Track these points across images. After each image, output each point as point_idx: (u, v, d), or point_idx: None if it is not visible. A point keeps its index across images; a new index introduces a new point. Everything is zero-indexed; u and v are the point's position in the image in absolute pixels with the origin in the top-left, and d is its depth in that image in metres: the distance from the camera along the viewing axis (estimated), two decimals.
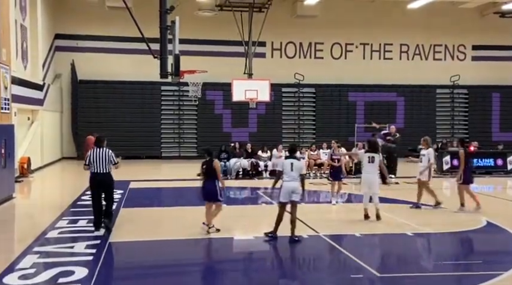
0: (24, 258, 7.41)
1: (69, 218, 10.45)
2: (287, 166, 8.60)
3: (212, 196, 9.09)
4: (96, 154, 9.04)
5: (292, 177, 8.55)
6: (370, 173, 10.10)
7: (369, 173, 10.12)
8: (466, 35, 27.98)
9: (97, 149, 9.12)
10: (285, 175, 8.59)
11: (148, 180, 16.86)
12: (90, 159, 9.04)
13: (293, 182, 8.54)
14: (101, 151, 9.09)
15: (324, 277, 7.09)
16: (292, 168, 8.56)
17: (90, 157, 9.07)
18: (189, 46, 22.10)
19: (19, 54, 18.51)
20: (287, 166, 8.61)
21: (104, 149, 9.14)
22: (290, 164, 8.61)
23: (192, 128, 26.26)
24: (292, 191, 8.52)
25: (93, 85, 25.11)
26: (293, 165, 8.59)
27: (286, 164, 8.64)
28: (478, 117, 27.91)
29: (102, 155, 9.04)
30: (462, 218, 10.60)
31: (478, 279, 6.62)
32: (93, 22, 25.03)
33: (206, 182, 9.11)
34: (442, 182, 17.54)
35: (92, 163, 9.02)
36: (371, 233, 9.32)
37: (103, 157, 9.03)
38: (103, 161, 9.02)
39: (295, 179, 8.56)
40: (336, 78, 26.84)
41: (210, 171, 9.04)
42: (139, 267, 7.56)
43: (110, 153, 9.12)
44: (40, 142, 20.69)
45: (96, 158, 9.01)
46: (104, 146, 9.23)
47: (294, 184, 8.54)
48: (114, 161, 9.16)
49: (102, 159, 9.02)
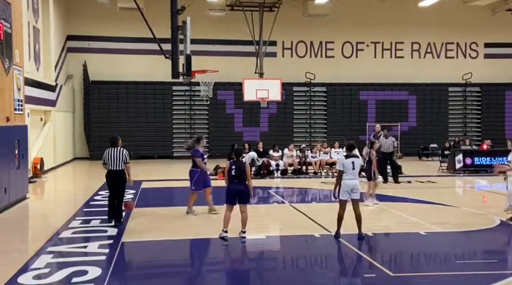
0: (38, 258, 7.48)
1: (82, 218, 10.53)
2: (349, 165, 8.58)
3: (244, 198, 8.77)
4: (111, 154, 9.78)
5: (353, 175, 8.60)
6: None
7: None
8: (478, 33, 27.73)
9: (112, 149, 9.82)
10: (345, 173, 8.57)
11: (160, 180, 16.94)
12: (106, 158, 9.80)
13: (354, 180, 8.61)
14: (115, 150, 9.80)
15: (336, 276, 7.07)
16: (354, 166, 8.59)
17: (106, 156, 9.82)
18: (200, 46, 22.21)
19: (32, 56, 18.70)
20: (349, 164, 8.58)
21: (118, 149, 9.83)
22: (351, 163, 8.60)
23: (203, 128, 26.32)
24: (352, 189, 8.58)
25: (105, 86, 25.30)
26: (354, 164, 8.60)
27: (348, 163, 8.60)
28: (491, 115, 27.63)
29: (116, 154, 9.76)
30: (475, 218, 10.50)
31: (491, 278, 6.56)
32: (104, 23, 25.21)
33: (236, 184, 8.72)
34: (455, 181, 17.40)
35: (108, 161, 9.77)
36: (384, 233, 9.27)
37: (117, 156, 9.74)
38: (117, 160, 9.72)
39: (355, 177, 8.64)
40: (347, 77, 26.75)
41: (241, 173, 8.69)
42: (152, 267, 7.60)
43: (123, 152, 9.80)
44: (53, 143, 20.88)
45: (111, 157, 9.74)
46: (118, 146, 9.90)
47: (354, 182, 8.62)
48: (126, 161, 9.79)
49: (117, 158, 9.73)
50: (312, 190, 15.20)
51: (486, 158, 19.02)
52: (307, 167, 18.51)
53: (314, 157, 18.53)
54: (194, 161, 10.86)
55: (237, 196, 8.72)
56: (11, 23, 12.75)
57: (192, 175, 10.98)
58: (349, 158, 8.69)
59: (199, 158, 10.85)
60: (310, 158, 18.57)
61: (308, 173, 18.37)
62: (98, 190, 14.38)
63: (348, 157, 8.75)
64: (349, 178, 8.59)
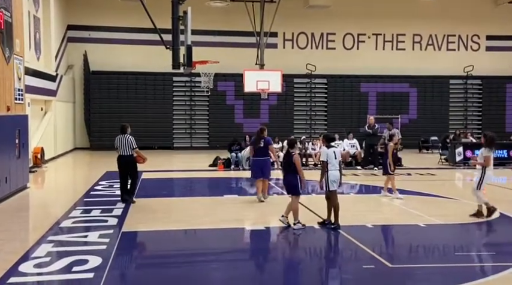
0: (39, 247, 7.52)
1: (82, 208, 10.57)
2: (332, 155, 8.71)
3: (292, 189, 8.88)
4: (120, 140, 10.99)
5: (336, 165, 8.74)
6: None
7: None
8: (480, 25, 27.62)
9: (121, 136, 11.03)
10: (330, 164, 8.67)
11: (160, 171, 16.97)
12: (117, 144, 10.98)
13: (337, 170, 8.75)
14: (124, 137, 11.00)
15: (336, 267, 7.11)
16: (336, 156, 8.74)
17: (116, 142, 11.01)
18: (201, 37, 22.15)
19: (32, 45, 18.65)
20: (332, 154, 8.71)
21: (126, 136, 11.01)
22: (333, 152, 8.74)
23: (203, 119, 26.32)
24: (337, 179, 8.73)
25: (105, 76, 25.26)
26: (335, 153, 8.76)
27: (331, 153, 8.72)
28: (492, 108, 27.61)
29: (125, 141, 10.95)
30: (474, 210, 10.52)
31: (491, 270, 6.59)
32: (105, 13, 25.12)
33: (286, 176, 8.92)
34: (455, 173, 17.43)
35: (118, 147, 10.97)
36: (383, 224, 9.31)
37: (125, 142, 10.93)
38: (125, 146, 10.93)
39: (337, 167, 8.78)
40: (348, 69, 26.69)
41: (290, 164, 8.79)
42: (152, 257, 7.64)
43: (129, 139, 10.98)
44: (53, 133, 20.90)
45: (120, 143, 10.96)
46: (127, 133, 11.09)
47: (337, 172, 8.75)
48: (133, 146, 10.97)
49: (125, 144, 10.93)
50: (311, 182, 15.21)
51: None
52: (307, 159, 18.51)
53: (314, 149, 18.53)
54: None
55: (287, 186, 9.04)
56: (12, 12, 12.70)
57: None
58: (331, 149, 8.82)
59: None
60: (310, 150, 18.58)
61: (308, 165, 18.37)
62: (99, 180, 14.42)
63: (329, 147, 8.86)
64: (334, 168, 8.71)
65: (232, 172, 17.21)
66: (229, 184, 15.04)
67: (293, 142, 9.07)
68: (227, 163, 17.92)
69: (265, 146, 11.53)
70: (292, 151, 8.93)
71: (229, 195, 12.46)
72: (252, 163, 12.02)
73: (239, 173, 16.67)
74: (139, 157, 11.25)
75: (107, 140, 23.99)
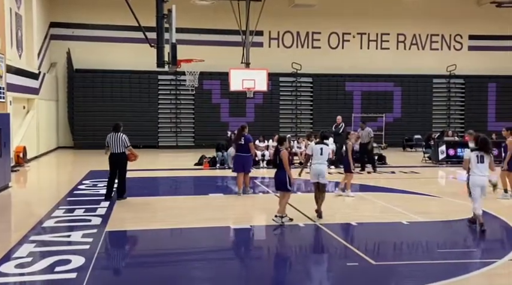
0: (20, 247, 7.42)
1: (65, 207, 10.46)
2: (317, 151, 9.32)
3: (281, 186, 8.97)
4: (113, 138, 11.05)
5: (321, 160, 9.30)
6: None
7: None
8: (463, 25, 27.96)
9: (114, 134, 11.08)
10: (313, 158, 9.34)
11: (146, 170, 16.87)
12: (109, 142, 11.05)
13: (321, 165, 9.29)
14: (116, 135, 11.05)
15: (320, 265, 7.14)
16: (322, 152, 9.31)
17: (108, 140, 11.06)
18: (186, 35, 22.07)
19: (14, 43, 18.39)
20: (317, 150, 9.33)
21: (118, 134, 11.08)
22: (320, 149, 9.33)
23: (189, 117, 26.23)
24: (319, 174, 9.25)
25: (89, 75, 25.03)
26: (322, 150, 9.32)
27: (316, 149, 9.35)
28: (474, 106, 27.98)
29: (118, 139, 11.02)
30: (457, 207, 10.66)
31: (473, 267, 6.68)
32: (89, 10, 24.88)
33: (276, 172, 9.07)
34: (438, 171, 17.63)
35: (110, 145, 11.03)
36: (367, 222, 9.37)
37: (117, 140, 11.01)
38: (117, 144, 11.00)
39: (323, 163, 9.31)
40: (333, 68, 26.81)
41: (278, 160, 8.96)
42: (136, 256, 7.59)
43: (123, 137, 11.06)
44: (36, 132, 20.64)
45: (112, 141, 11.02)
46: (119, 131, 11.14)
47: (321, 167, 9.28)
48: (126, 144, 11.07)
49: (117, 142, 11.00)
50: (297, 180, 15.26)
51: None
52: (292, 158, 18.54)
53: (299, 147, 18.59)
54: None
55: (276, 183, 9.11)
56: None
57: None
58: (318, 145, 9.42)
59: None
60: (295, 149, 18.62)
61: (294, 163, 18.41)
62: (82, 179, 14.28)
63: (318, 143, 9.46)
64: (317, 162, 9.31)
65: (217, 170, 17.19)
66: (215, 183, 15.01)
67: (282, 140, 9.17)
68: (213, 161, 17.89)
69: (246, 143, 12.11)
70: (281, 148, 9.00)
71: (215, 194, 12.44)
72: (234, 158, 12.82)
73: (225, 172, 16.65)
74: (132, 154, 11.34)
75: (91, 139, 23.86)
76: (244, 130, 12.29)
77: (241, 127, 12.40)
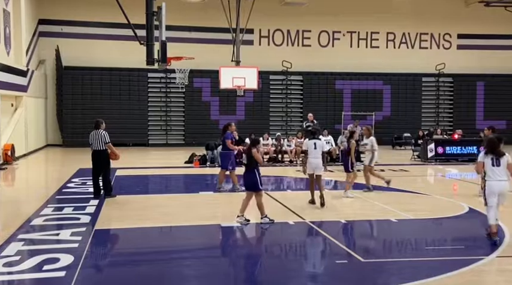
0: (8, 246, 7.36)
1: (54, 206, 10.40)
2: (311, 146, 10.29)
3: (252, 186, 8.85)
4: (93, 135, 11.10)
5: (315, 154, 10.25)
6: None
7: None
8: (452, 24, 28.16)
9: (95, 131, 11.12)
10: (309, 153, 10.28)
11: (135, 168, 16.81)
12: (91, 139, 11.10)
13: (316, 159, 10.25)
14: (97, 132, 11.10)
15: (309, 263, 7.17)
16: (316, 147, 10.25)
17: (90, 137, 11.12)
18: (176, 33, 21.96)
19: (2, 40, 18.22)
20: (311, 145, 10.29)
21: (99, 131, 11.10)
22: (313, 143, 10.28)
23: (179, 115, 26.15)
24: (315, 167, 10.21)
25: (78, 72, 24.85)
26: (316, 144, 10.27)
27: (310, 144, 10.32)
28: (463, 105, 28.21)
29: (97, 136, 11.07)
30: (445, 205, 10.76)
31: (460, 264, 6.75)
32: (78, 7, 24.68)
33: (245, 173, 8.94)
34: (427, 169, 17.76)
35: (92, 142, 11.08)
36: (356, 220, 9.43)
37: (98, 137, 11.06)
38: (98, 140, 11.04)
39: (317, 156, 10.26)
40: (323, 66, 26.88)
41: (249, 159, 8.89)
42: (125, 254, 7.57)
43: (102, 134, 11.10)
44: (24, 129, 20.47)
45: (94, 139, 11.08)
46: (100, 128, 11.16)
47: (316, 161, 10.24)
48: (106, 140, 11.07)
49: (97, 139, 11.05)
50: (287, 178, 15.32)
51: (457, 148, 19.48)
52: (282, 156, 18.60)
53: (289, 145, 18.64)
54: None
55: (246, 183, 9.10)
56: None
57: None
58: (311, 140, 10.41)
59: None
60: (285, 147, 18.67)
61: (284, 161, 18.47)
62: (71, 177, 14.20)
63: (311, 139, 10.46)
64: (312, 157, 10.24)
65: (208, 168, 17.17)
66: (205, 181, 14.99)
67: (255, 142, 9.14)
68: (203, 159, 17.86)
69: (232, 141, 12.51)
70: (253, 148, 8.97)
71: (205, 192, 12.43)
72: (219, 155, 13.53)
73: (215, 170, 16.62)
74: (112, 153, 11.25)
75: (80, 137, 23.66)
76: (228, 128, 12.45)
77: (225, 126, 12.60)
